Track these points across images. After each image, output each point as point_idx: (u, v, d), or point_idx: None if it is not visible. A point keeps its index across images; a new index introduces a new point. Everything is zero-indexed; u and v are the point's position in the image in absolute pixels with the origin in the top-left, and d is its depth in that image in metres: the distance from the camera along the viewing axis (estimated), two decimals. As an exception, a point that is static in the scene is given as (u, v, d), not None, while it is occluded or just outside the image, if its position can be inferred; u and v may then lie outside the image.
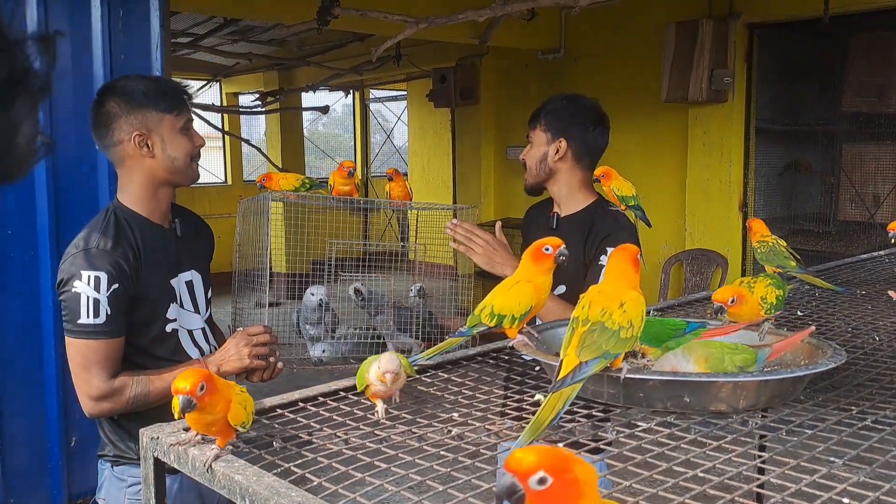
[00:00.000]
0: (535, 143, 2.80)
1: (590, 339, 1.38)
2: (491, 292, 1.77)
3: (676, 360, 1.57)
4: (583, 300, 1.47)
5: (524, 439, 1.27)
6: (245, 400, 1.38)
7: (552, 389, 1.34)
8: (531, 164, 2.82)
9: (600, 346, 1.38)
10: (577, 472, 0.86)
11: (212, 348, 2.41)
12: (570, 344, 1.39)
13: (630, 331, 1.41)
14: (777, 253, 2.36)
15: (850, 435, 1.35)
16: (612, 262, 1.57)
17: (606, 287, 1.50)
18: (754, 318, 1.79)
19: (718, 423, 1.41)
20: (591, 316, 1.42)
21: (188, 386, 1.29)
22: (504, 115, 9.10)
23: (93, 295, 2.10)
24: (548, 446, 0.90)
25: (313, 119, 15.87)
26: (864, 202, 6.74)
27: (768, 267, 2.36)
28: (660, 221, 7.16)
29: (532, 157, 2.81)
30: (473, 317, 1.75)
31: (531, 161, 2.82)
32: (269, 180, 3.47)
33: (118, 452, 2.27)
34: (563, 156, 2.75)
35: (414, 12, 6.06)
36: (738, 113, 6.83)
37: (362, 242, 3.59)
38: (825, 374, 1.56)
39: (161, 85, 2.30)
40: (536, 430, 1.28)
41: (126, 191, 2.28)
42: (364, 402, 1.54)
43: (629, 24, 7.44)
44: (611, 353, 1.38)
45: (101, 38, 3.23)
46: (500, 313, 1.70)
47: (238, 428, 1.35)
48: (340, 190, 3.54)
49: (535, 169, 2.81)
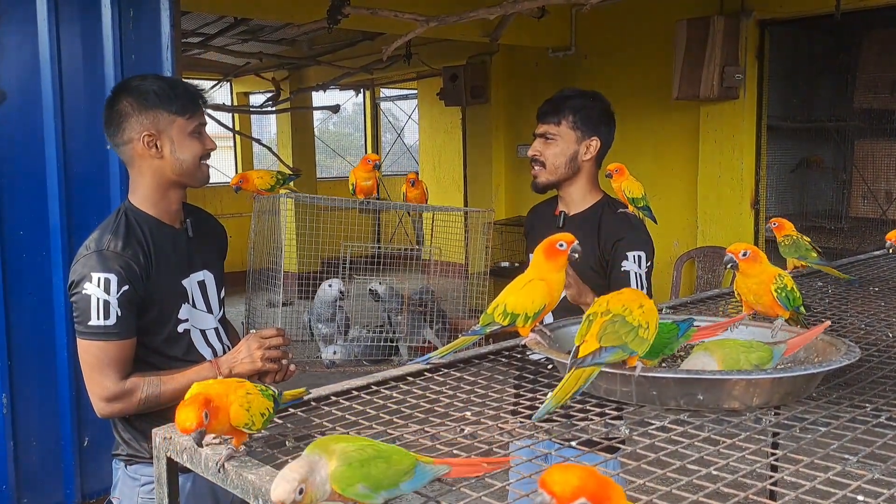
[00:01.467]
0: (560, 140, 2.72)
1: (611, 327, 1.40)
2: (503, 291, 1.77)
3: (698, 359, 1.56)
4: (599, 301, 1.48)
5: (547, 407, 1.33)
6: (250, 401, 1.35)
7: (574, 365, 1.36)
8: (556, 161, 2.73)
9: (620, 337, 1.39)
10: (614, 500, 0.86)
11: (225, 348, 2.41)
12: (588, 332, 1.41)
13: (647, 332, 1.42)
14: (800, 246, 2.54)
15: (864, 432, 1.34)
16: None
17: (623, 293, 1.52)
18: (764, 290, 1.76)
19: (732, 421, 1.40)
20: (611, 308, 1.44)
21: (192, 423, 1.27)
22: (515, 113, 9.09)
23: (103, 297, 2.11)
24: (585, 467, 0.88)
25: (324, 118, 15.90)
26: (877, 199, 6.71)
27: (790, 260, 2.57)
28: (671, 218, 7.15)
29: (557, 154, 2.73)
30: (486, 315, 1.74)
31: (556, 158, 2.73)
32: (246, 181, 3.41)
33: (132, 452, 2.27)
34: (593, 155, 2.75)
35: (424, 11, 6.05)
36: (750, 110, 6.80)
37: (377, 245, 3.58)
38: (839, 372, 1.55)
39: (175, 87, 2.29)
40: (560, 401, 1.33)
41: (137, 191, 2.29)
42: (376, 400, 1.54)
43: (640, 22, 7.42)
44: (628, 347, 1.39)
45: (112, 39, 3.24)
46: (514, 312, 1.69)
47: (242, 429, 1.33)
48: (363, 186, 3.47)
49: (563, 167, 2.73)
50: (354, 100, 14.60)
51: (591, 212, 2.75)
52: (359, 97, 14.04)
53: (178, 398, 2.19)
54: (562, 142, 2.73)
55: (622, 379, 1.45)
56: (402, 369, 1.70)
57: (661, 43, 7.07)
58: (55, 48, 3.12)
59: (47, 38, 3.10)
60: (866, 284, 2.58)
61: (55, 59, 3.12)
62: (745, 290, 1.80)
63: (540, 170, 2.78)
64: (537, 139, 2.79)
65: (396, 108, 14.97)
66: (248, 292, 3.08)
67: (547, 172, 2.76)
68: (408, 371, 1.69)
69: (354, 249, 3.55)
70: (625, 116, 2.89)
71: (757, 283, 1.77)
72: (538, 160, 2.77)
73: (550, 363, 1.74)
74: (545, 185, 2.79)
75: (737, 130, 6.83)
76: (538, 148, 2.77)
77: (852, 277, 2.59)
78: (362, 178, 3.41)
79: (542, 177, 2.78)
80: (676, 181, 7.39)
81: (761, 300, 1.78)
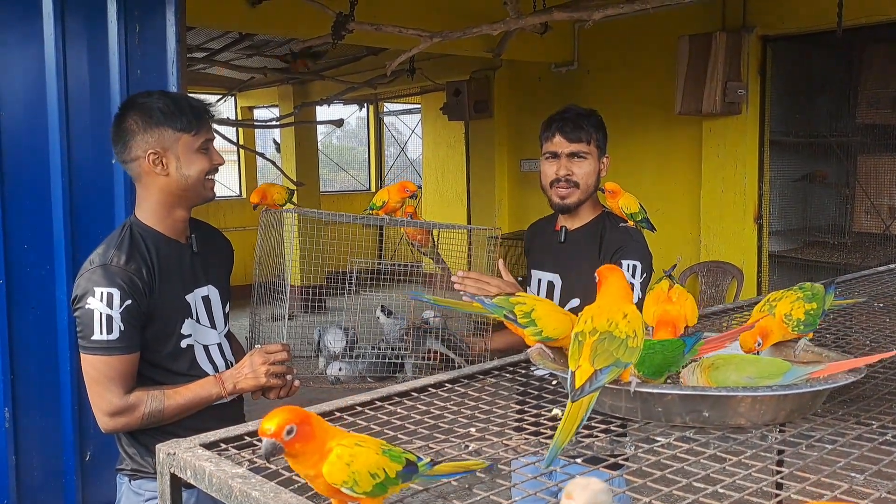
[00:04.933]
0: (591, 158, 2.72)
1: (601, 347, 1.40)
2: (538, 299, 1.80)
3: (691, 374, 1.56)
4: (583, 316, 1.48)
5: (553, 453, 1.28)
6: (353, 455, 1.08)
7: (572, 399, 1.35)
8: (588, 180, 2.72)
9: (612, 354, 1.39)
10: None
11: (228, 363, 2.41)
12: (581, 354, 1.40)
13: (635, 340, 1.43)
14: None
15: (871, 450, 1.34)
16: (605, 280, 1.59)
17: (603, 303, 1.52)
18: (787, 337, 1.73)
19: (738, 438, 1.40)
20: (597, 327, 1.43)
21: (273, 427, 1.06)
22: (518, 128, 9.10)
23: (106, 311, 2.11)
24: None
25: (327, 132, 15.95)
26: (880, 214, 6.71)
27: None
28: (675, 233, 7.15)
29: (589, 173, 2.72)
30: (506, 301, 1.75)
31: (588, 178, 2.72)
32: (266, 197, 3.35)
33: (136, 466, 2.27)
34: (606, 172, 2.78)
35: (428, 26, 6.07)
36: (753, 125, 6.81)
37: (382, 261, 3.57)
38: (845, 388, 1.54)
39: (181, 103, 2.29)
40: (563, 442, 1.30)
41: (143, 206, 2.29)
42: (381, 416, 1.53)
43: (642, 37, 7.44)
44: (622, 362, 1.40)
45: (118, 54, 3.24)
46: (534, 321, 1.70)
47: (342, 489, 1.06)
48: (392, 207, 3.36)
49: (593, 187, 2.74)
50: (358, 114, 14.65)
51: (593, 225, 2.77)
52: (362, 111, 14.08)
53: (181, 413, 2.20)
54: (592, 160, 2.73)
55: (626, 395, 1.45)
56: (407, 384, 1.69)
57: (664, 58, 7.09)
58: (61, 62, 3.13)
59: (53, 53, 3.11)
60: (871, 301, 2.57)
61: (61, 73, 3.13)
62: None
63: (573, 190, 2.73)
64: (564, 158, 2.72)
65: (400, 123, 15.01)
66: (252, 305, 3.08)
67: (580, 192, 2.73)
68: (412, 386, 1.68)
69: (361, 264, 3.54)
70: (628, 131, 2.91)
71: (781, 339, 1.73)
72: (571, 180, 2.72)
73: (555, 379, 1.73)
74: (576, 205, 2.75)
75: (739, 145, 6.84)
76: (569, 167, 2.71)
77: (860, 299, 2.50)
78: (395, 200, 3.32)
79: (575, 197, 2.73)
80: (679, 196, 7.39)
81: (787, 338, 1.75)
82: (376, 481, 1.07)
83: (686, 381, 1.55)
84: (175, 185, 2.26)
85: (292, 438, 1.07)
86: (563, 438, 1.30)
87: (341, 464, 1.07)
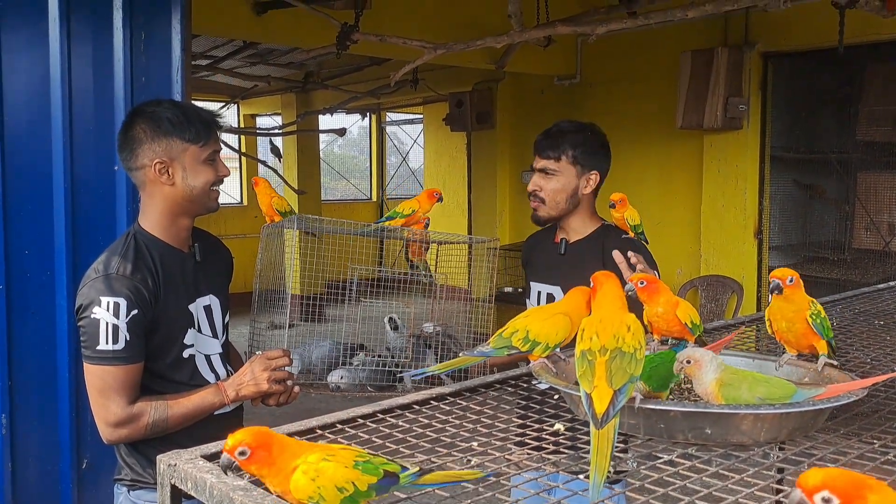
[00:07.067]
0: (560, 175, 2.72)
1: (615, 366, 1.38)
2: (521, 318, 1.76)
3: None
4: (586, 331, 1.46)
5: (594, 493, 1.21)
6: (319, 470, 1.08)
7: (598, 426, 1.31)
8: (556, 197, 2.74)
9: (626, 371, 1.38)
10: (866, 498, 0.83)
11: (228, 373, 2.40)
12: (594, 374, 1.38)
13: (641, 352, 1.43)
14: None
15: (872, 469, 1.34)
16: (601, 287, 1.58)
17: (604, 314, 1.51)
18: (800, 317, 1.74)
19: (740, 456, 1.39)
20: (606, 344, 1.42)
21: (229, 444, 1.11)
22: (520, 140, 9.11)
23: (112, 321, 2.10)
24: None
25: (329, 141, 15.97)
26: (879, 230, 6.72)
27: None
28: (675, 247, 7.15)
29: (558, 190, 2.73)
30: (500, 339, 1.73)
31: (556, 194, 2.74)
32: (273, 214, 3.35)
33: (135, 477, 2.26)
34: (593, 188, 2.76)
35: (432, 38, 6.09)
36: (753, 140, 6.84)
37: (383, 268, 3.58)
38: (846, 407, 1.54)
39: (189, 114, 2.28)
40: (605, 471, 1.24)
41: (147, 215, 2.29)
42: (382, 429, 1.53)
43: (645, 52, 7.47)
44: (634, 377, 1.38)
45: (123, 61, 3.24)
46: (536, 339, 1.69)
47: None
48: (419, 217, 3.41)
49: (563, 202, 2.74)
50: (360, 123, 14.66)
51: (594, 237, 2.77)
52: (365, 121, 14.10)
53: (184, 423, 2.20)
54: (562, 177, 2.73)
55: (629, 411, 1.44)
56: (409, 397, 1.69)
57: (666, 73, 7.12)
58: (66, 68, 3.13)
59: (58, 58, 3.11)
60: (871, 318, 2.57)
61: (65, 79, 3.13)
62: (778, 317, 1.78)
63: (539, 205, 2.78)
64: (536, 173, 2.78)
65: (402, 132, 15.03)
66: (252, 314, 3.08)
67: (547, 208, 2.77)
68: (414, 399, 1.68)
69: (361, 273, 3.54)
70: (629, 144, 2.93)
71: (794, 311, 1.75)
72: (538, 195, 2.77)
73: (556, 392, 1.73)
74: (546, 219, 2.81)
75: (740, 160, 6.86)
76: (538, 183, 2.76)
77: None
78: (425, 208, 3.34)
79: (542, 212, 2.79)
80: (680, 210, 7.40)
81: (794, 327, 1.76)
82: (344, 495, 1.07)
83: (698, 389, 1.53)
84: (180, 195, 2.25)
85: (246, 459, 1.09)
86: (601, 469, 1.24)
87: (306, 479, 1.07)
